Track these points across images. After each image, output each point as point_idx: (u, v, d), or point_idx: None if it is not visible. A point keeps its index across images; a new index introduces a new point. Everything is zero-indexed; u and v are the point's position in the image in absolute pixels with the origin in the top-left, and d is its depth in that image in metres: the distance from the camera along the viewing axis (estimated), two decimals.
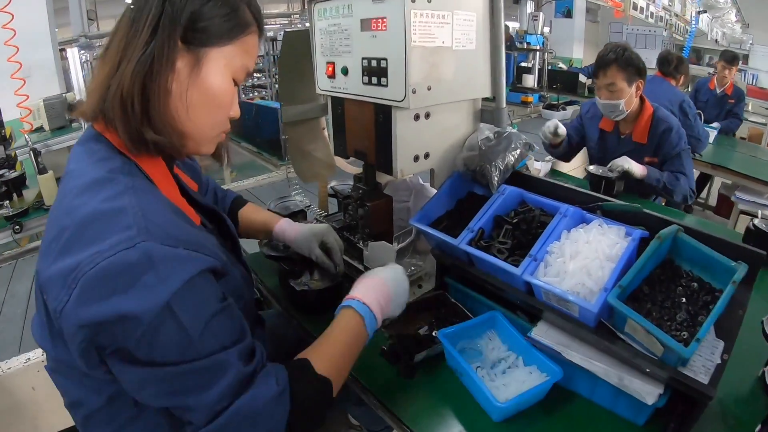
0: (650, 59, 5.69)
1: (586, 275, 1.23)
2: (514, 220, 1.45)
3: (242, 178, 4.75)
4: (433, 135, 1.55)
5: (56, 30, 5.67)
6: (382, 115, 1.46)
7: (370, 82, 1.45)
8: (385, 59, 1.38)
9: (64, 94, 4.98)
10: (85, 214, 0.85)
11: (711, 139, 4.52)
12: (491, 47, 1.53)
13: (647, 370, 1.14)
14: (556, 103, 7.27)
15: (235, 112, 1.11)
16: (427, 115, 1.49)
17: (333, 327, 1.19)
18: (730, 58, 5.33)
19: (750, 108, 6.44)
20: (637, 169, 2.67)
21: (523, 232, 1.42)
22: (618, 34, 9.44)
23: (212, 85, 1.01)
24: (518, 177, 1.60)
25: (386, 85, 1.40)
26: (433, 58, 1.38)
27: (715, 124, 4.99)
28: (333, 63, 1.58)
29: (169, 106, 0.98)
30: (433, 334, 1.49)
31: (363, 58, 1.45)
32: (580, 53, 9.67)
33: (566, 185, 1.54)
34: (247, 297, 1.21)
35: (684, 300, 1.17)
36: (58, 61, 5.47)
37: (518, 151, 1.54)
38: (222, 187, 1.74)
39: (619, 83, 2.72)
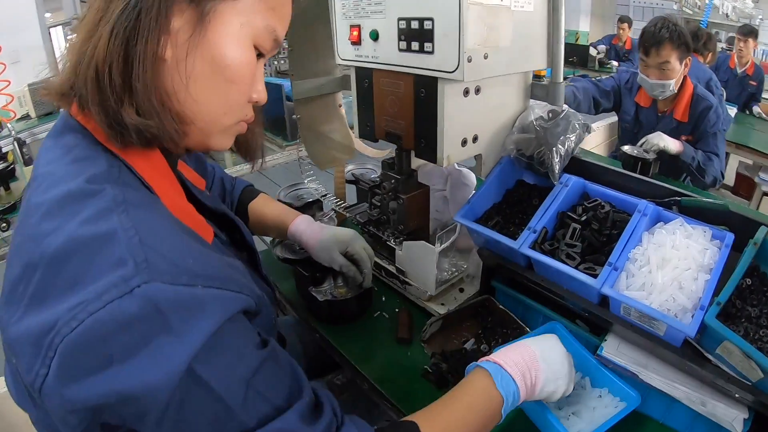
0: None
1: (678, 288, 1.06)
2: (583, 218, 1.23)
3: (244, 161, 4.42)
4: (482, 114, 1.30)
5: (49, 14, 5.49)
6: (425, 89, 1.21)
7: (409, 49, 1.19)
8: (431, 19, 1.12)
9: (51, 78, 4.71)
10: (59, 245, 0.61)
11: (732, 117, 4.36)
12: (550, 9, 1.28)
13: (737, 396, 1.01)
14: (571, 77, 7.06)
15: (260, 94, 0.84)
16: (477, 90, 1.24)
17: (456, 390, 0.94)
18: (747, 32, 5.16)
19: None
20: (673, 145, 2.55)
21: (594, 233, 1.21)
22: (625, 6, 9.19)
23: (222, 52, 0.74)
24: (575, 164, 1.38)
25: (432, 52, 1.14)
26: (492, 19, 1.13)
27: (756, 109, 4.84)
28: (358, 26, 1.30)
29: (161, 77, 0.72)
30: (482, 348, 1.32)
31: (400, 19, 1.18)
32: (586, 26, 9.51)
33: (633, 175, 1.34)
34: (275, 322, 0.98)
35: None
36: (49, 45, 5.22)
37: (576, 133, 1.32)
38: (226, 172, 1.49)
39: (673, 62, 2.58)
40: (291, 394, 0.72)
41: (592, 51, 7.40)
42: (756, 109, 4.92)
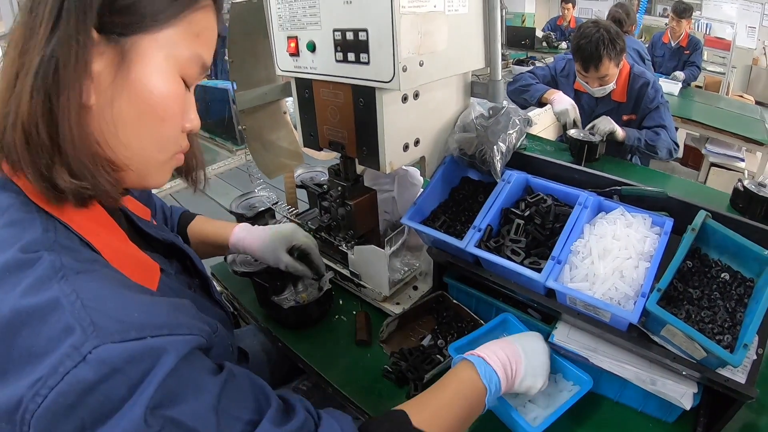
0: (603, 11, 5.52)
1: (620, 278, 1.10)
2: (526, 213, 1.26)
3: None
4: (422, 117, 1.32)
5: None
6: (363, 98, 1.22)
7: (345, 60, 1.19)
8: (365, 30, 1.12)
9: None
10: (5, 319, 0.60)
11: (676, 93, 4.46)
12: (486, 9, 1.29)
13: (684, 373, 1.06)
14: (524, 58, 7.16)
15: (192, 123, 0.82)
16: (416, 95, 1.26)
17: (443, 381, 0.99)
18: (681, 11, 5.21)
19: (706, 57, 6.46)
20: (620, 131, 2.60)
21: (537, 227, 1.24)
22: None
23: (149, 90, 0.72)
24: (518, 158, 1.40)
25: (367, 63, 1.15)
26: (426, 26, 1.14)
27: (678, 73, 4.90)
28: (296, 38, 1.30)
29: (89, 128, 0.69)
30: (439, 344, 1.36)
31: (335, 30, 1.18)
32: (532, 8, 9.51)
33: (575, 166, 1.37)
34: (232, 344, 0.97)
35: (719, 295, 1.08)
36: None
37: (518, 128, 1.34)
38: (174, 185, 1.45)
39: (612, 71, 2.66)
40: (259, 406, 0.73)
41: (539, 33, 7.44)
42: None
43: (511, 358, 1.05)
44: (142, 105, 0.72)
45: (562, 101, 2.74)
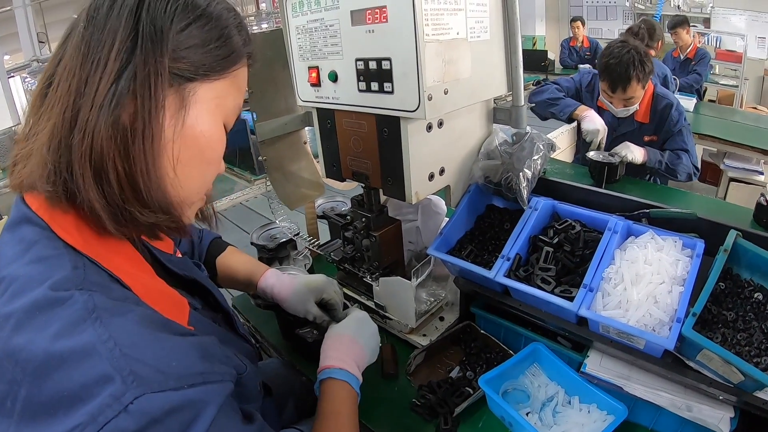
0: (612, 30, 5.54)
1: (653, 303, 1.08)
2: (555, 240, 1.24)
3: (213, 198, 4.27)
4: (447, 146, 1.31)
5: (8, 57, 5.25)
6: (388, 128, 1.21)
7: (368, 89, 1.18)
8: (389, 59, 1.11)
9: (13, 128, 4.45)
10: (37, 362, 0.58)
11: (691, 108, 4.44)
12: (507, 35, 1.29)
13: (721, 398, 1.03)
14: (541, 81, 7.15)
15: (222, 167, 0.86)
16: (440, 124, 1.25)
17: (331, 402, 1.05)
18: (673, 24, 5.31)
19: (718, 71, 6.45)
20: (639, 154, 2.57)
21: (567, 254, 1.22)
22: (578, 8, 9.17)
23: (203, 134, 0.75)
24: (543, 184, 1.39)
25: (392, 92, 1.14)
26: (449, 54, 1.13)
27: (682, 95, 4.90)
28: (317, 68, 1.30)
29: (160, 165, 0.71)
30: (468, 375, 1.33)
31: (357, 60, 1.18)
32: (542, 30, 9.60)
33: (601, 191, 1.37)
34: (256, 376, 0.97)
35: (753, 317, 1.06)
36: (8, 92, 4.93)
37: (542, 153, 1.33)
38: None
39: (638, 93, 2.59)
40: None
41: (551, 55, 7.47)
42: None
43: (358, 356, 1.14)
44: (194, 148, 0.75)
45: (593, 120, 2.69)
